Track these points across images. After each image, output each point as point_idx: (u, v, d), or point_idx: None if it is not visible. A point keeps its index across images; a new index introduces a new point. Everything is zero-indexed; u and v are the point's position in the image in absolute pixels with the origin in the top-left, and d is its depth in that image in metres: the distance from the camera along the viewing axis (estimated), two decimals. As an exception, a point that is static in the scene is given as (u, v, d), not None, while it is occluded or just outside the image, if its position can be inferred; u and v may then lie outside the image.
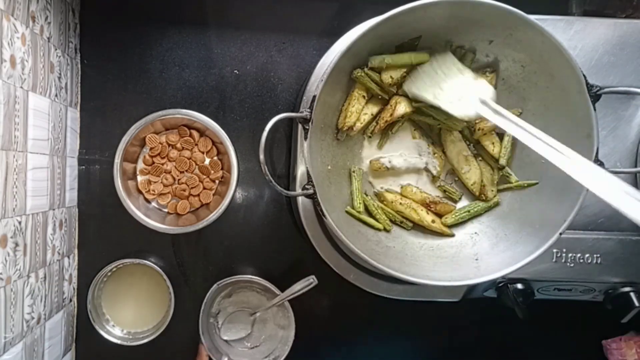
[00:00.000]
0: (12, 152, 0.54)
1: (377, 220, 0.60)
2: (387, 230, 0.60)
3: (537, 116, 0.57)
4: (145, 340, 0.69)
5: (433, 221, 0.60)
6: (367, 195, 0.61)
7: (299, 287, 0.66)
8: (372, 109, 0.59)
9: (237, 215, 0.74)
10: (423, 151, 0.62)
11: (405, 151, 0.62)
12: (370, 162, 0.61)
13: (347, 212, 0.59)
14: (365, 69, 0.56)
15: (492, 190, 0.60)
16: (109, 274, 0.69)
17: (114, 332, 0.70)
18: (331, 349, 0.77)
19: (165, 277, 0.68)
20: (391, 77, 0.57)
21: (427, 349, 0.79)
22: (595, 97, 0.51)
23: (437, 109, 0.56)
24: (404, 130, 0.61)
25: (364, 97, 0.58)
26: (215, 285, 0.68)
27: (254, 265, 0.75)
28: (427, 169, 0.62)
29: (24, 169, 0.56)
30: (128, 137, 0.65)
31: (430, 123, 0.61)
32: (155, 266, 0.68)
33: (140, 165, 0.70)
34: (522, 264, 0.52)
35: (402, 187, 0.62)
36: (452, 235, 0.61)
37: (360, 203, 0.59)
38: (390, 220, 0.61)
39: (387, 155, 0.61)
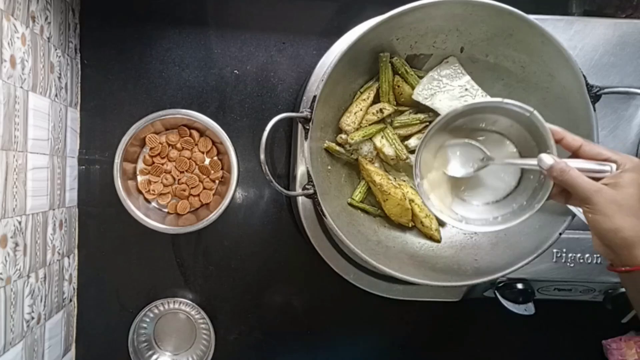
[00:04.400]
0: (12, 152, 0.54)
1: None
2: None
3: (537, 116, 0.57)
4: None
5: (427, 216, 0.60)
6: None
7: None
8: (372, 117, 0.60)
9: (237, 215, 0.74)
10: None
11: None
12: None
13: (349, 203, 0.60)
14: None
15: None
16: (149, 314, 0.72)
17: None
18: (331, 348, 0.77)
19: (201, 316, 0.72)
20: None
21: (427, 349, 0.79)
22: (595, 98, 0.51)
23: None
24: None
25: (365, 100, 0.59)
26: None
27: (254, 265, 0.75)
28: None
29: (24, 169, 0.56)
30: (128, 137, 0.65)
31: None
32: (191, 311, 0.73)
33: (140, 165, 0.70)
34: (522, 264, 0.52)
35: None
36: (439, 241, 0.61)
37: (361, 192, 0.60)
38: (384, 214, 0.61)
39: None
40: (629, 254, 0.43)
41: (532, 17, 0.50)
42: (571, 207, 0.51)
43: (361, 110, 0.58)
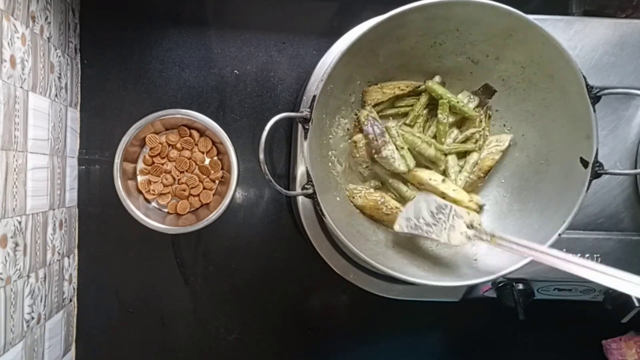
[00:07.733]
0: (12, 152, 0.54)
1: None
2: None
3: (537, 117, 0.57)
4: None
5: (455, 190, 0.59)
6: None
7: None
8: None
9: (237, 215, 0.74)
10: None
11: None
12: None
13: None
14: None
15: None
16: None
17: None
18: (331, 348, 0.77)
19: None
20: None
21: (427, 349, 0.79)
22: (595, 99, 0.51)
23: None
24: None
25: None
26: None
27: (254, 265, 0.75)
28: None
29: (24, 169, 0.56)
30: (128, 137, 0.65)
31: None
32: None
33: (140, 165, 0.70)
34: (522, 264, 0.52)
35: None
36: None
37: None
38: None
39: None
40: None
41: (532, 17, 0.50)
42: None
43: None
